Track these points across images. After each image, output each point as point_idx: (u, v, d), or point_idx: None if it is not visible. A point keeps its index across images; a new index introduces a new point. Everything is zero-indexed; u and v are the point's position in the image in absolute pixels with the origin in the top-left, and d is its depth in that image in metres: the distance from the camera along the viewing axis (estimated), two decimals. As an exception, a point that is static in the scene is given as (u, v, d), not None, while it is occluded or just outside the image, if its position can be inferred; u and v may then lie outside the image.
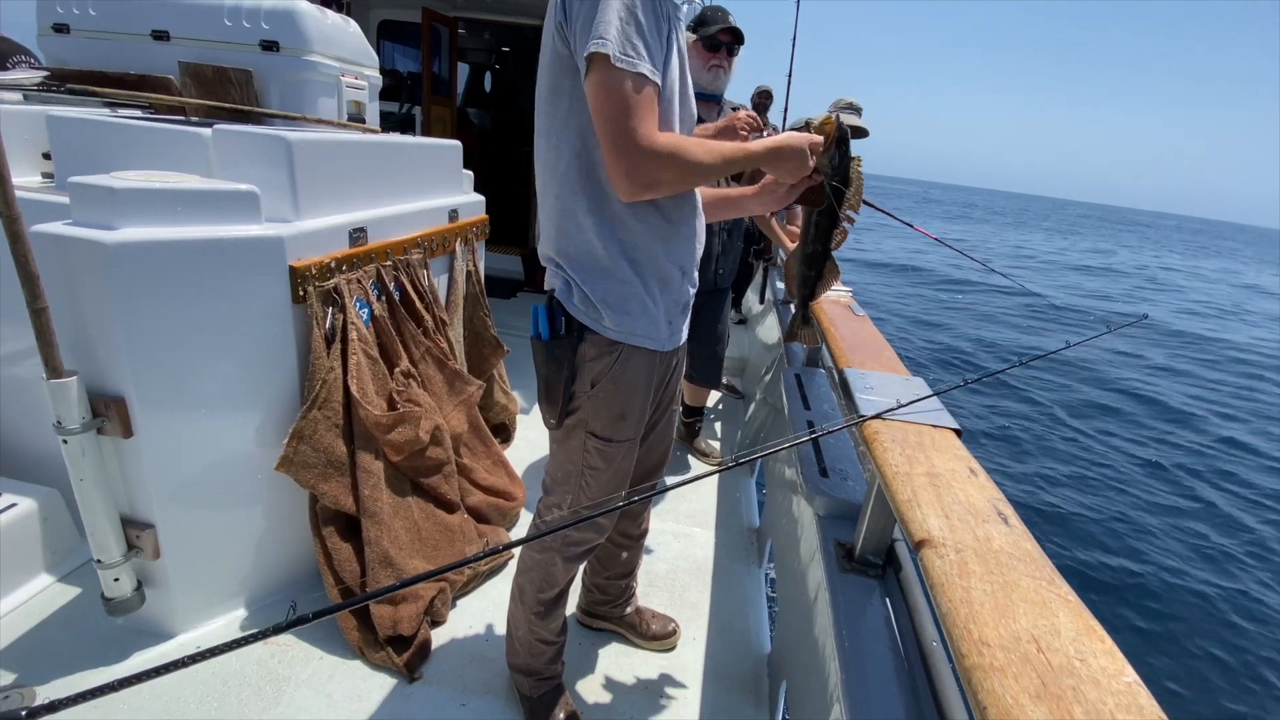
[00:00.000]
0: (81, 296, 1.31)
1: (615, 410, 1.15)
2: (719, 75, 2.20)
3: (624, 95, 0.91)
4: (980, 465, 0.94)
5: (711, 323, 2.54)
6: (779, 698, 1.54)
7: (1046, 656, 0.60)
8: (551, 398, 1.15)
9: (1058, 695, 0.56)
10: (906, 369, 1.34)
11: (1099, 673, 0.58)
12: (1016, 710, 0.54)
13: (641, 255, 1.09)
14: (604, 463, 1.19)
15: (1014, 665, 0.59)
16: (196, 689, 1.42)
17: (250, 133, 1.54)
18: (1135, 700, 0.56)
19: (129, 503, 1.43)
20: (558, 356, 1.11)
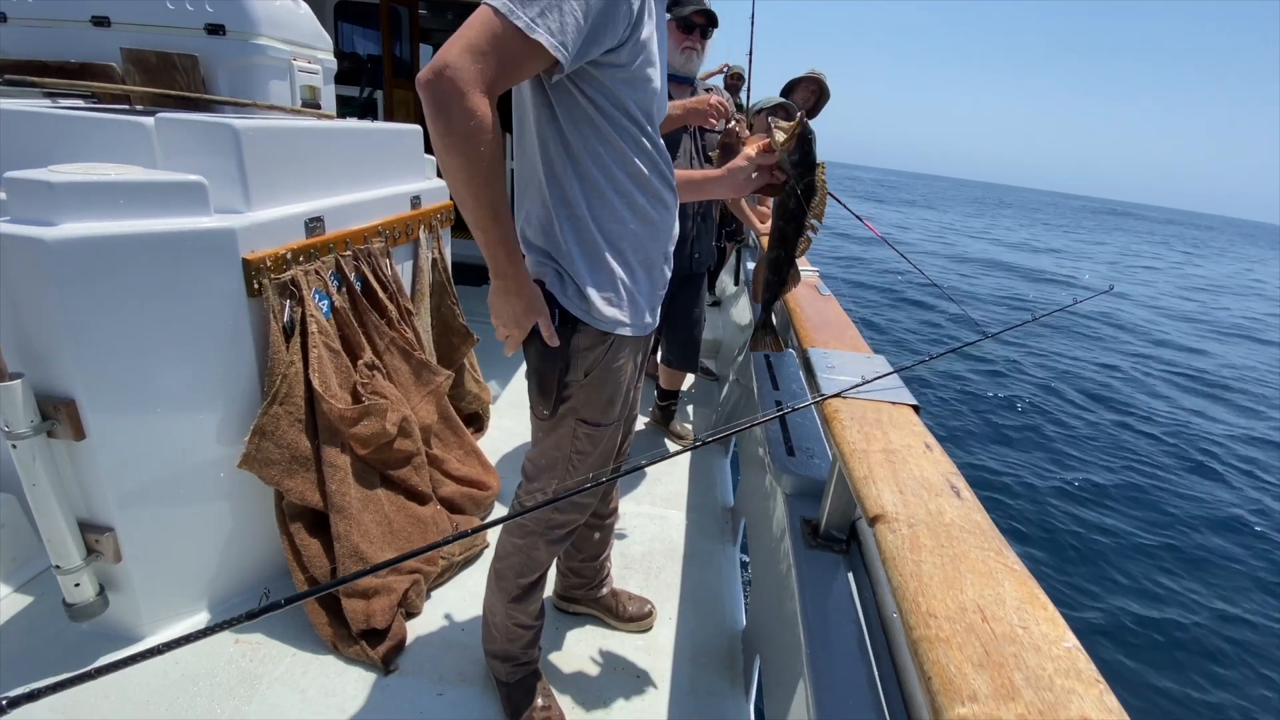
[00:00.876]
0: (21, 296, 1.27)
1: (606, 396, 1.16)
2: (691, 57, 2.18)
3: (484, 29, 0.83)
4: (936, 440, 0.95)
5: (688, 307, 2.53)
6: (753, 673, 1.56)
7: (990, 626, 0.61)
8: (545, 390, 1.14)
9: (999, 663, 0.57)
10: (869, 347, 1.35)
11: (1040, 639, 0.60)
12: (959, 680, 0.55)
13: (627, 245, 1.10)
14: (591, 446, 1.20)
15: (959, 635, 0.60)
16: (167, 690, 1.40)
17: (195, 121, 1.48)
18: (1074, 665, 0.57)
19: (86, 506, 1.40)
20: (552, 351, 1.10)
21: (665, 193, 1.13)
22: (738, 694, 1.55)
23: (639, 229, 1.10)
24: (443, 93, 0.82)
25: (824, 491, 1.19)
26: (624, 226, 1.08)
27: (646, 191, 1.09)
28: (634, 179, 1.07)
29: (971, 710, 0.53)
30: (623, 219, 1.08)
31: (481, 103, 0.84)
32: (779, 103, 2.64)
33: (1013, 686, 0.55)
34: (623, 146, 1.04)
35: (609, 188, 1.05)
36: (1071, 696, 0.54)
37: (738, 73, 4.76)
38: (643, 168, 1.07)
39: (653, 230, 1.12)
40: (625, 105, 1.01)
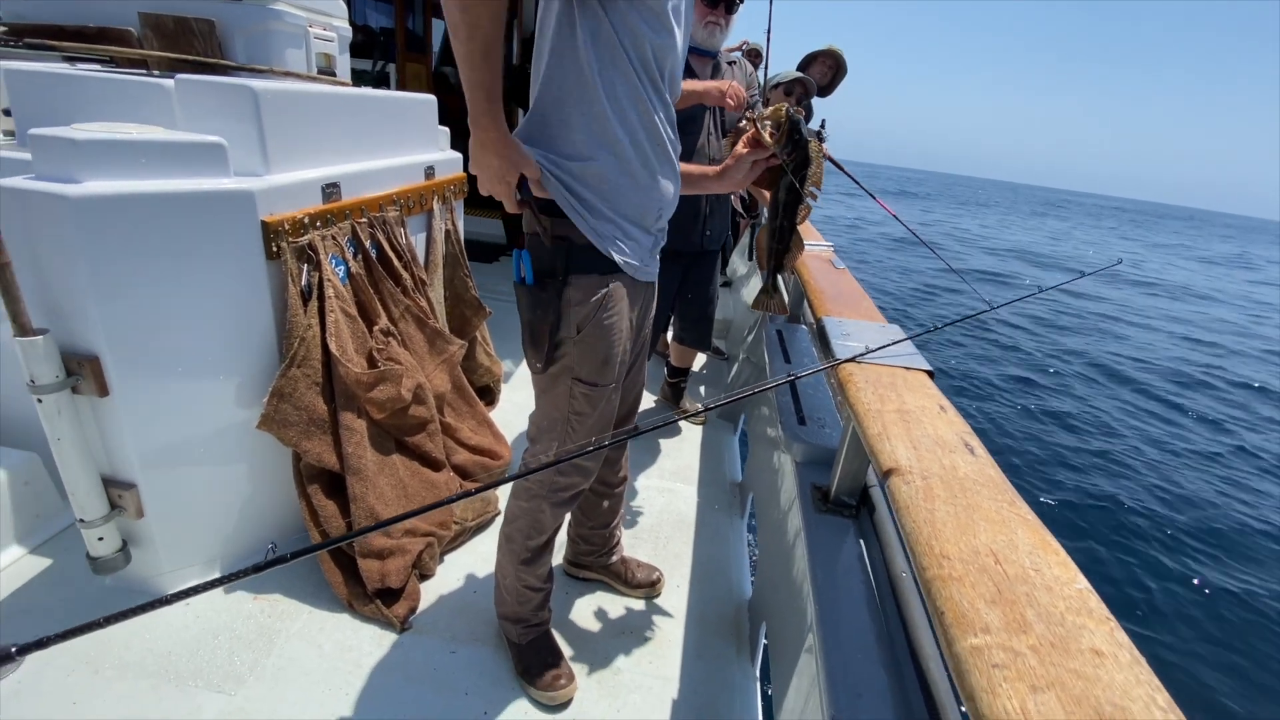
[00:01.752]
0: (46, 252, 1.28)
1: (600, 355, 1.16)
2: (715, 32, 2.16)
3: None
4: (951, 403, 0.96)
5: (702, 284, 2.54)
6: (759, 639, 1.59)
7: (1003, 567, 0.63)
8: (537, 342, 1.15)
9: (1011, 600, 0.59)
10: (883, 317, 1.36)
11: (1052, 580, 0.61)
12: (972, 614, 0.57)
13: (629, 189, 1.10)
14: (589, 407, 1.21)
15: (971, 575, 0.61)
16: (189, 642, 1.44)
17: (215, 83, 1.49)
18: (1085, 604, 0.59)
19: (109, 462, 1.43)
20: (543, 301, 1.11)
21: (663, 148, 1.12)
22: (744, 660, 1.58)
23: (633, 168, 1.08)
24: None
25: (835, 458, 1.20)
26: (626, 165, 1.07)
27: (649, 134, 1.08)
28: (642, 118, 1.07)
29: (984, 640, 0.54)
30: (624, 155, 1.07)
31: None
32: (796, 78, 2.62)
33: (1024, 621, 0.56)
34: (636, 84, 1.04)
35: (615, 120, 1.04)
36: (1082, 631, 0.56)
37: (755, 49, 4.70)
38: (649, 112, 1.07)
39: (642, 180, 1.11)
40: (643, 47, 1.01)
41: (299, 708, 1.32)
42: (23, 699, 1.29)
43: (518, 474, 1.05)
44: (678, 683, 1.48)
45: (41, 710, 1.27)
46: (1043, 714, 0.48)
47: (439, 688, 1.40)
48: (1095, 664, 0.53)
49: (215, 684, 1.35)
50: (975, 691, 0.51)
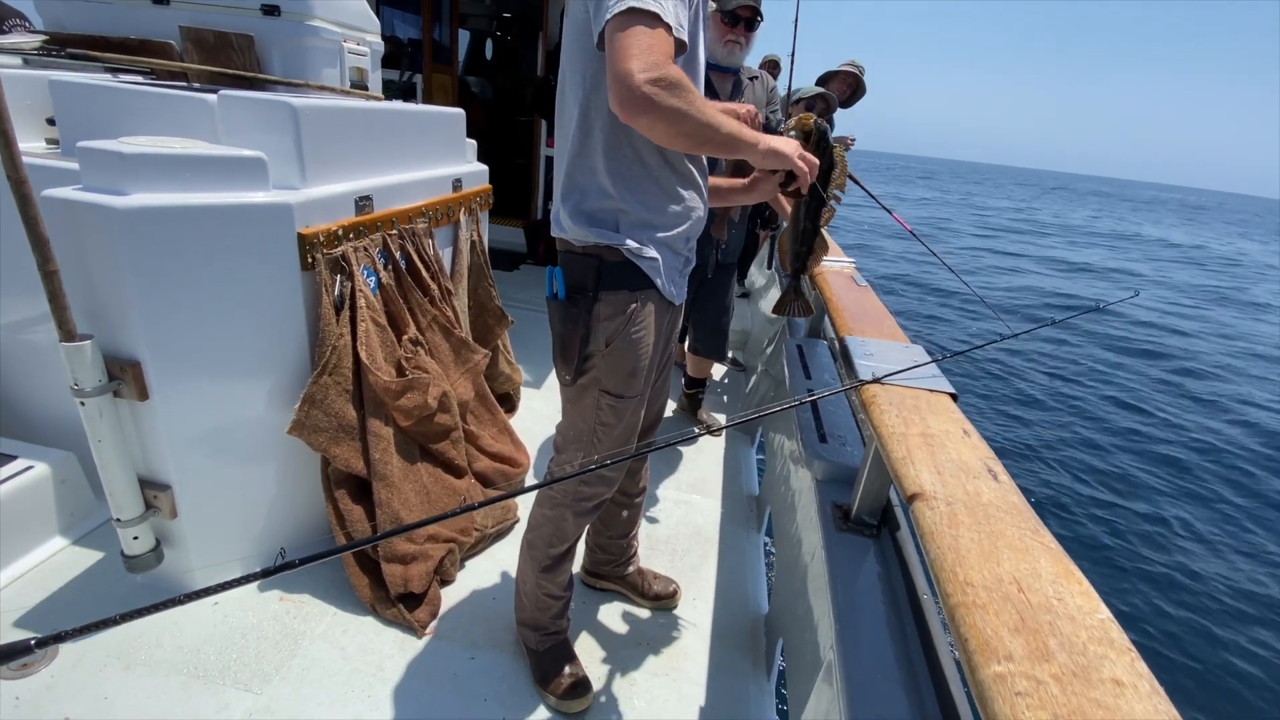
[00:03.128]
0: (93, 261, 1.34)
1: (627, 368, 1.20)
2: (735, 51, 2.19)
3: (638, 31, 0.91)
4: (974, 427, 0.98)
5: (718, 295, 2.56)
6: (775, 654, 1.60)
7: (1026, 596, 0.64)
8: (567, 355, 1.19)
9: (1034, 629, 0.60)
10: (907, 337, 1.37)
11: (1075, 610, 0.63)
12: (995, 641, 0.58)
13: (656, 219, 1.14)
14: (615, 419, 1.24)
15: (995, 603, 0.63)
16: (217, 640, 1.48)
17: (256, 99, 1.54)
18: (1107, 634, 0.60)
19: (146, 464, 1.48)
20: (574, 316, 1.15)
21: (692, 181, 1.17)
22: (759, 674, 1.59)
23: (667, 207, 1.14)
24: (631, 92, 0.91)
25: (856, 477, 1.22)
26: (656, 201, 1.13)
27: (678, 174, 1.13)
28: (668, 162, 1.11)
29: (1007, 668, 0.56)
30: (654, 196, 1.12)
31: (657, 68, 0.91)
32: (818, 93, 2.65)
33: (1047, 650, 0.58)
34: None
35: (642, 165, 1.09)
36: (1104, 661, 0.57)
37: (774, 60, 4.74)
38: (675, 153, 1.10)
39: (678, 213, 1.16)
40: None
41: (323, 708, 1.35)
42: (56, 692, 1.33)
43: (541, 483, 1.08)
44: (693, 695, 1.49)
45: (74, 704, 1.31)
46: (1066, 743, 0.49)
47: (458, 692, 1.43)
48: (1116, 694, 0.54)
49: (243, 682, 1.39)
50: (998, 718, 0.52)
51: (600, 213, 1.12)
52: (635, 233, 1.13)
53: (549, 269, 1.17)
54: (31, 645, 0.63)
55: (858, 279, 1.84)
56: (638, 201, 1.11)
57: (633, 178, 1.10)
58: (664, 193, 1.13)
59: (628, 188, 1.10)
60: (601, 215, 1.12)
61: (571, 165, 1.13)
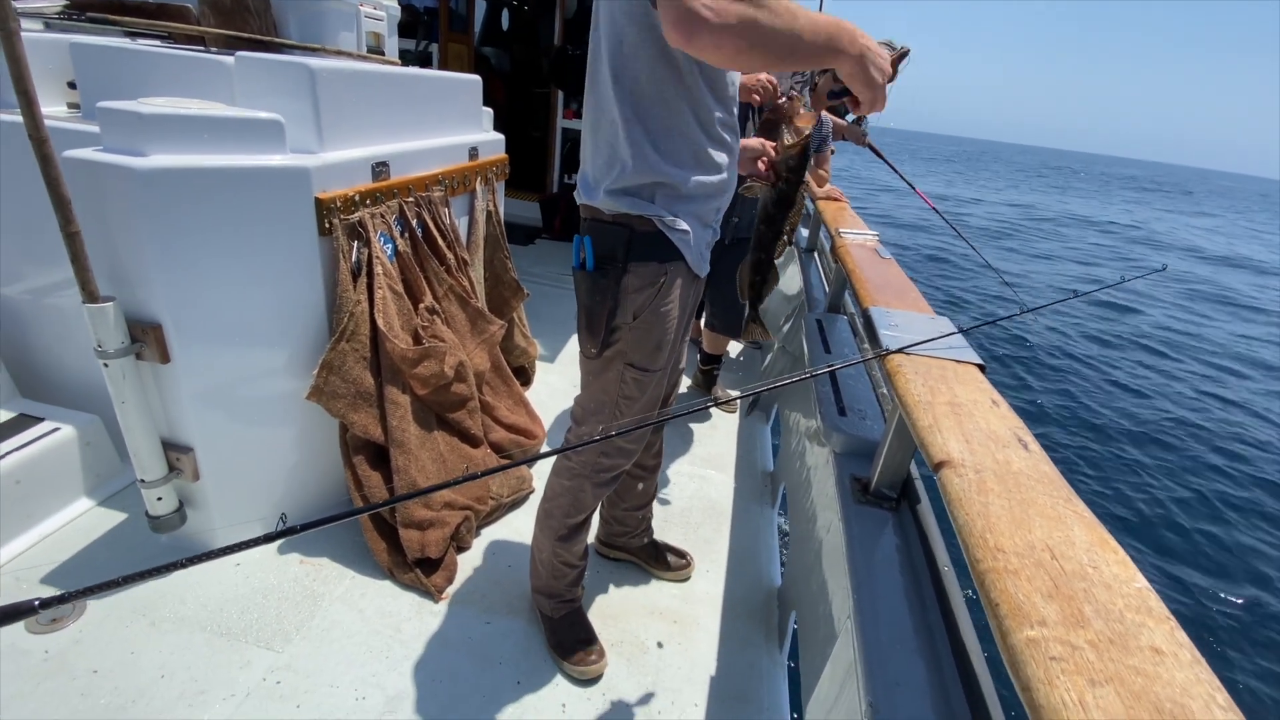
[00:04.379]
0: (114, 223, 1.34)
1: (654, 341, 1.18)
2: None
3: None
4: (1004, 398, 0.95)
5: (733, 272, 2.52)
6: (788, 626, 1.60)
7: (1060, 563, 0.62)
8: (594, 328, 1.17)
9: (1069, 595, 0.58)
10: (931, 309, 1.34)
11: (1110, 579, 0.61)
12: (1028, 607, 0.57)
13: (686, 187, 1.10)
14: (639, 392, 1.22)
15: (1027, 569, 0.61)
16: (238, 601, 1.50)
17: (273, 60, 1.52)
18: (1145, 603, 0.58)
19: (169, 426, 1.49)
20: (602, 287, 1.12)
21: (728, 149, 1.13)
22: (772, 645, 1.59)
23: (702, 178, 1.10)
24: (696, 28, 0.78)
25: (877, 450, 1.20)
26: (692, 172, 1.08)
27: (714, 141, 1.09)
28: (703, 127, 1.07)
29: (1040, 633, 0.54)
30: (690, 166, 1.08)
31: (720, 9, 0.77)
32: None
33: (1082, 616, 0.56)
34: (699, 93, 1.04)
35: (680, 135, 1.05)
36: (1142, 629, 0.55)
37: None
38: (711, 116, 1.07)
39: (712, 185, 1.13)
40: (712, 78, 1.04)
41: (342, 668, 1.38)
42: (84, 646, 1.37)
43: (557, 450, 1.07)
44: (705, 665, 1.50)
45: (102, 658, 1.34)
46: (1102, 707, 0.48)
47: (474, 656, 1.44)
48: (1155, 662, 0.53)
49: (264, 641, 1.42)
50: (1032, 682, 0.51)
51: (635, 184, 1.08)
52: (670, 204, 1.09)
53: (576, 238, 1.14)
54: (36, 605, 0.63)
55: (881, 251, 1.80)
56: (674, 171, 1.06)
57: (669, 148, 1.05)
58: (700, 164, 1.09)
59: (663, 158, 1.05)
60: (637, 186, 1.08)
61: (603, 133, 1.08)
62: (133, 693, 1.28)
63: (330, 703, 1.30)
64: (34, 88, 1.23)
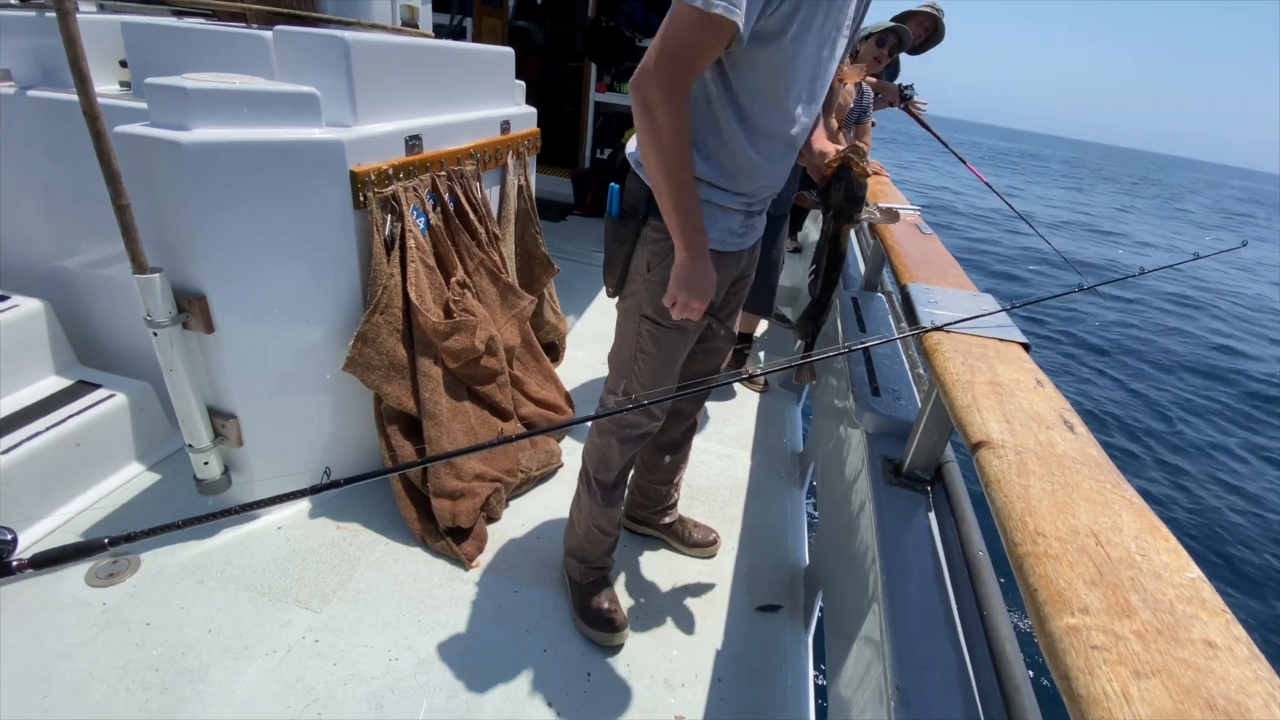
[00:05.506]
0: (161, 196, 1.38)
1: None
2: None
3: (679, 21, 0.91)
4: (1049, 379, 0.91)
5: (766, 249, 2.47)
6: (814, 606, 1.59)
7: (1105, 550, 0.59)
8: (610, 268, 1.26)
9: (1114, 583, 0.55)
10: (974, 285, 1.29)
11: (1160, 567, 0.58)
12: (1069, 593, 0.54)
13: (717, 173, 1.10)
14: (654, 346, 1.26)
15: (1069, 554, 0.58)
16: (280, 564, 1.57)
17: (309, 34, 1.53)
18: (1198, 594, 0.55)
19: (214, 394, 1.55)
20: (622, 235, 1.20)
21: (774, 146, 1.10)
22: (797, 625, 1.58)
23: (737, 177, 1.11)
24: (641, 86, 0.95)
25: (911, 431, 1.16)
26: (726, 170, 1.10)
27: (761, 138, 1.07)
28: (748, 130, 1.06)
29: (1082, 621, 0.52)
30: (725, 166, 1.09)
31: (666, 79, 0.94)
32: (889, 27, 2.44)
33: (1128, 605, 0.53)
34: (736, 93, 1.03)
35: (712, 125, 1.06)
36: (1194, 621, 0.52)
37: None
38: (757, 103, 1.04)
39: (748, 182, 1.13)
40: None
41: (376, 630, 1.42)
42: (138, 600, 1.45)
43: (581, 418, 1.08)
44: (729, 640, 1.50)
45: (154, 612, 1.42)
46: (1147, 700, 0.46)
47: (502, 623, 1.48)
48: (1208, 655, 0.50)
49: (303, 601, 1.47)
50: (1071, 671, 0.49)
51: None
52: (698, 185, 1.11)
53: (611, 185, 1.19)
54: (105, 543, 0.68)
55: (922, 227, 1.73)
56: (708, 166, 1.09)
57: (707, 146, 1.07)
58: (739, 166, 1.09)
59: (700, 153, 1.07)
60: None
61: None
62: (183, 645, 1.35)
63: (365, 662, 1.35)
64: (87, 66, 1.27)
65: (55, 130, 1.75)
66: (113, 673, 1.29)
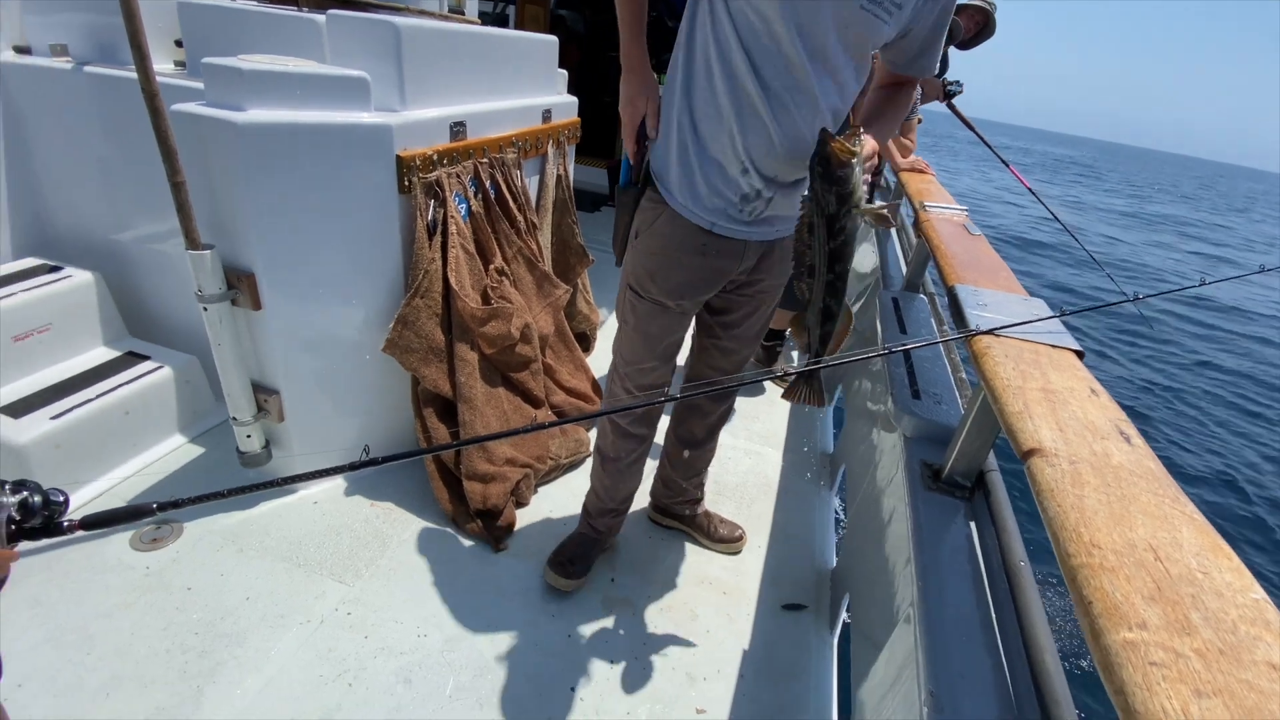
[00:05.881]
0: (214, 174, 1.41)
1: (646, 267, 1.25)
2: None
3: None
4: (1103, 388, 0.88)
5: None
6: (840, 608, 1.58)
7: (1164, 565, 0.58)
8: (616, 236, 1.33)
9: (1174, 600, 0.54)
10: (1024, 290, 1.26)
11: (1223, 586, 0.56)
12: (1126, 607, 0.53)
13: (706, 129, 1.10)
14: (633, 316, 1.31)
15: (1126, 568, 0.57)
16: (316, 537, 1.61)
17: (361, 18, 1.55)
18: (1262, 615, 0.53)
19: (259, 370, 1.59)
20: (624, 203, 1.26)
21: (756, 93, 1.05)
22: (822, 626, 1.57)
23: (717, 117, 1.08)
24: None
25: (953, 436, 1.14)
26: (705, 108, 1.09)
27: (736, 88, 1.05)
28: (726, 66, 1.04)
29: (1140, 636, 0.51)
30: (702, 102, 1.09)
31: None
32: None
33: (1189, 623, 0.52)
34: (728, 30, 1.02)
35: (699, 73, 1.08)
36: (1258, 643, 0.51)
37: None
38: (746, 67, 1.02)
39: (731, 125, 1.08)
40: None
41: (406, 606, 1.45)
42: (180, 565, 1.50)
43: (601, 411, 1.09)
44: (752, 636, 1.50)
45: (195, 577, 1.47)
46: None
47: (528, 606, 1.50)
48: (1272, 679, 0.48)
49: (337, 574, 1.51)
50: (1128, 686, 0.48)
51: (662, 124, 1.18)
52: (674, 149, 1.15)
53: (624, 157, 1.25)
54: (154, 508, 0.71)
55: (970, 227, 1.69)
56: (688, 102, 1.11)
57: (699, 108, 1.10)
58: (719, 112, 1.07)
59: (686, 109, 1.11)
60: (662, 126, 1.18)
61: None
62: (222, 611, 1.40)
63: (395, 636, 1.38)
64: (147, 44, 1.31)
65: (110, 106, 1.81)
66: (154, 634, 1.34)
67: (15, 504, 0.65)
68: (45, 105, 1.92)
